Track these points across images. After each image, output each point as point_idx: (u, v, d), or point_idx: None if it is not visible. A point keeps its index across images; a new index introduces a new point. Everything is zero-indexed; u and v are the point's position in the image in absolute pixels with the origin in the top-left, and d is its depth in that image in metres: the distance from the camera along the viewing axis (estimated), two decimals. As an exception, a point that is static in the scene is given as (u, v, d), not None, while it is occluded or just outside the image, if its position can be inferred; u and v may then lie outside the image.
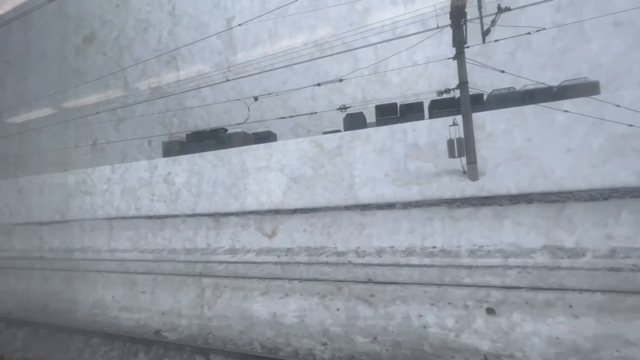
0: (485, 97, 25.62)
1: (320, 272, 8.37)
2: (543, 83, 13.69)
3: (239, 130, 26.88)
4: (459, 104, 26.87)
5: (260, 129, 28.48)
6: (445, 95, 11.67)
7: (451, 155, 11.46)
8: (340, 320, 5.87)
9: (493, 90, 26.64)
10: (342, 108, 12.73)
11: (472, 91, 11.52)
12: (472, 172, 10.88)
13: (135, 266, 10.96)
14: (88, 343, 5.93)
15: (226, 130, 28.59)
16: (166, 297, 7.97)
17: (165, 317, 6.89)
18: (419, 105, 25.94)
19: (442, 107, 26.95)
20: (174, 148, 29.29)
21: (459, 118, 11.34)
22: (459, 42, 10.90)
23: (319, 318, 6.10)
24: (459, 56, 11.01)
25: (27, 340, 6.12)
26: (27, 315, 7.31)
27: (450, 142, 11.55)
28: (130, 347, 5.63)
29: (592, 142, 10.95)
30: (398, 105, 26.52)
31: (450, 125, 11.59)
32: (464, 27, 10.88)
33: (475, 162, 10.87)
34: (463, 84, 11.05)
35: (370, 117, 28.19)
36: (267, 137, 28.25)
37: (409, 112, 25.81)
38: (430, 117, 29.06)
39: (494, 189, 10.10)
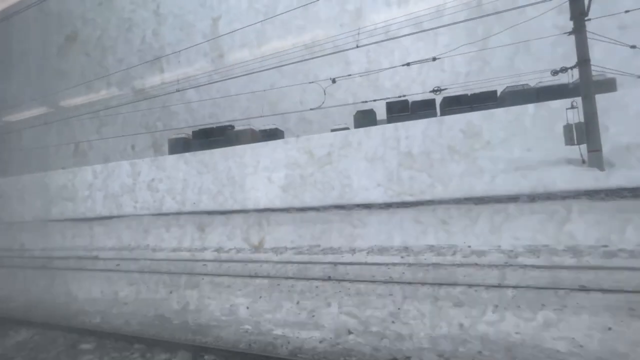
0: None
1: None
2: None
3: (246, 127, 26.42)
4: (472, 101, 26.57)
5: (268, 125, 28.01)
6: (558, 78, 10.57)
7: (569, 142, 10.32)
8: None
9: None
10: (436, 90, 11.46)
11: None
12: (595, 160, 9.87)
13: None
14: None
15: (233, 127, 28.16)
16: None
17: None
18: (431, 102, 25.49)
19: (453, 104, 26.55)
20: (179, 145, 28.86)
21: (577, 100, 10.27)
22: (579, 13, 9.92)
23: None
24: (579, 30, 9.95)
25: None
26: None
27: (567, 128, 10.22)
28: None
29: None
30: (409, 102, 26.07)
31: (567, 109, 10.45)
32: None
33: (600, 150, 9.91)
34: (584, 61, 10.00)
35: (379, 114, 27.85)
36: (274, 134, 27.80)
37: (421, 109, 25.38)
38: (442, 114, 28.68)
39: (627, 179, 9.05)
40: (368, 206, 10.98)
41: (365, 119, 24.22)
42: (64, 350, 4.45)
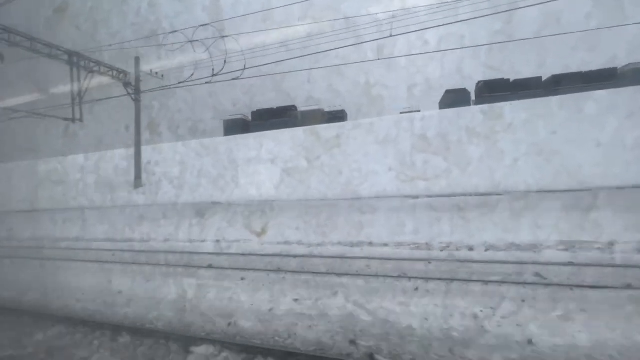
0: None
1: None
2: None
3: (314, 107, 23.60)
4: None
5: (334, 107, 25.05)
6: None
7: None
8: None
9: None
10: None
11: None
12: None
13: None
14: None
15: (296, 107, 25.52)
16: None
17: None
18: (537, 80, 21.10)
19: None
20: (237, 126, 26.69)
21: None
22: None
23: None
24: None
25: None
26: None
27: None
28: None
29: None
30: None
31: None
32: None
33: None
34: None
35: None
36: (341, 116, 24.78)
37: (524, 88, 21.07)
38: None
39: None
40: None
41: (456, 99, 20.44)
42: None
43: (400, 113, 24.90)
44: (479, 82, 21.61)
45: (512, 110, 15.03)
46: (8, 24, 10.97)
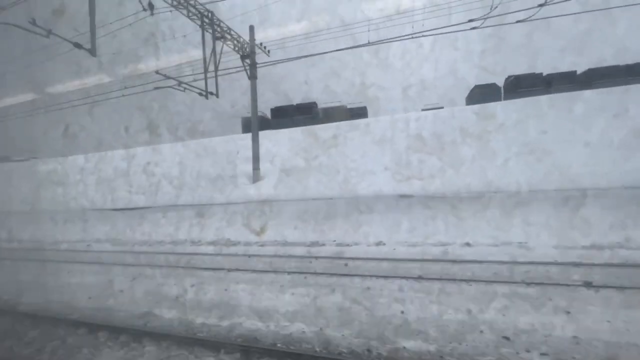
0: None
1: None
2: None
3: (336, 103, 22.94)
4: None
5: (356, 103, 24.38)
6: None
7: None
8: None
9: None
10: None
11: None
12: None
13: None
14: None
15: (316, 104, 24.87)
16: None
17: None
18: (571, 75, 20.26)
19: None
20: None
21: None
22: None
23: None
24: None
25: None
26: None
27: None
28: None
29: None
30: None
31: None
32: None
33: None
34: None
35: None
36: (363, 113, 24.10)
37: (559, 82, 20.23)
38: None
39: None
40: None
41: (485, 94, 19.68)
42: None
43: (422, 110, 24.23)
44: (509, 76, 20.81)
45: (551, 104, 14.23)
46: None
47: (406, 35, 10.70)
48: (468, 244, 7.51)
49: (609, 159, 9.36)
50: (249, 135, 14.04)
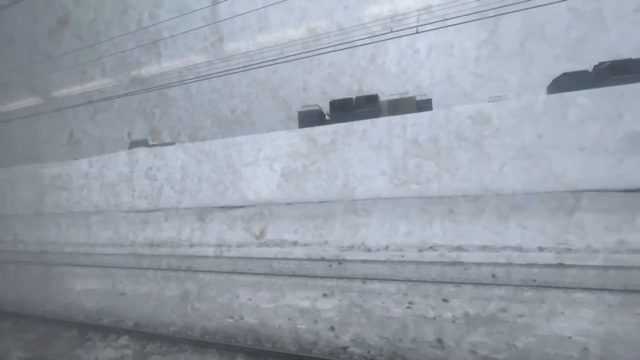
0: None
1: None
2: None
3: (404, 95, 21.78)
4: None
5: (422, 95, 23.13)
6: None
7: None
8: None
9: None
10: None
11: None
12: None
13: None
14: None
15: (377, 96, 23.77)
16: None
17: None
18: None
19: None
20: (312, 119, 25.31)
21: None
22: None
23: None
24: None
25: None
26: None
27: None
28: None
29: None
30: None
31: None
32: None
33: None
34: None
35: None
36: (428, 105, 22.85)
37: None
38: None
39: None
40: None
41: (573, 82, 18.05)
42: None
43: (488, 101, 22.72)
44: (601, 62, 19.04)
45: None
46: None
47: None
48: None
49: None
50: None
